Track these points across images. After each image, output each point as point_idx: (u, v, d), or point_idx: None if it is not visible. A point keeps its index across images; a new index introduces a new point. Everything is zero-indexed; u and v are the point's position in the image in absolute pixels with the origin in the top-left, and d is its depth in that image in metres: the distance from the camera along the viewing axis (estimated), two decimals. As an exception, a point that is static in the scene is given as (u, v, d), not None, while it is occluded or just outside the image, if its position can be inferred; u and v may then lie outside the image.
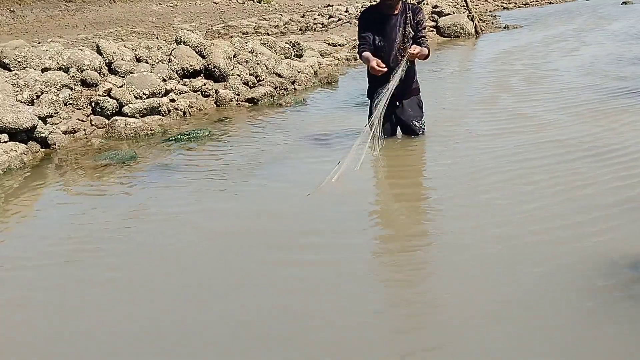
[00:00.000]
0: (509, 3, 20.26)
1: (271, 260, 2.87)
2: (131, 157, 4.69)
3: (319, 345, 2.19)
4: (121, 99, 5.77)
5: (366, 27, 4.36)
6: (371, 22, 4.35)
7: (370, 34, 4.31)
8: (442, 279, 2.63)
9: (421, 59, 4.33)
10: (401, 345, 2.17)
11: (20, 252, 3.16)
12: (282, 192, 3.75)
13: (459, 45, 11.15)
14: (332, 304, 2.45)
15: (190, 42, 6.98)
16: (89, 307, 2.57)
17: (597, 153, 3.97)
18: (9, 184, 4.30)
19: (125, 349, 2.26)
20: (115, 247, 3.14)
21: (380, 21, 4.31)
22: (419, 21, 4.34)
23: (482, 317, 2.27)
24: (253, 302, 2.50)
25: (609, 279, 2.45)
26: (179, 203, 3.68)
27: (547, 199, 3.30)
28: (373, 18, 4.36)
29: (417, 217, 3.38)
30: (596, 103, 5.45)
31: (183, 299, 2.59)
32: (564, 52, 9.08)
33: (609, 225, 2.93)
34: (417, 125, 4.58)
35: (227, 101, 6.53)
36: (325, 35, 11.95)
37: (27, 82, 5.32)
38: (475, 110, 5.63)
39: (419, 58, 4.29)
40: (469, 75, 8.08)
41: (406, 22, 4.29)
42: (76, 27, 15.19)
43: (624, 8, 16.12)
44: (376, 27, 4.31)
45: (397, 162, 4.27)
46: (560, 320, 2.22)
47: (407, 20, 4.29)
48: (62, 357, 2.27)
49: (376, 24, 4.31)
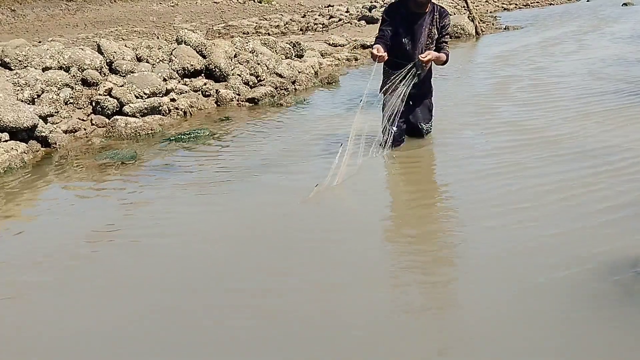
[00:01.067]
0: (509, 4, 20.29)
1: (272, 261, 2.87)
2: (131, 157, 4.69)
3: (328, 347, 2.20)
4: (122, 99, 5.77)
5: (390, 21, 4.26)
6: (397, 17, 4.25)
7: (392, 28, 4.22)
8: (443, 284, 2.63)
9: (438, 64, 4.30)
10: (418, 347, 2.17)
11: (20, 251, 3.16)
12: (282, 192, 3.75)
13: (459, 46, 11.16)
14: (345, 307, 2.45)
15: (191, 41, 6.99)
16: (89, 307, 2.57)
17: (583, 150, 3.98)
18: (10, 183, 4.31)
19: (132, 347, 2.27)
20: (115, 247, 3.15)
21: (407, 18, 4.24)
22: (444, 25, 4.28)
23: (482, 317, 2.28)
24: (253, 304, 2.51)
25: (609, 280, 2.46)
26: (179, 202, 3.68)
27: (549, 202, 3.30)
28: (400, 13, 4.26)
29: (428, 220, 3.38)
30: (594, 105, 5.47)
31: (183, 300, 2.59)
32: (565, 53, 9.08)
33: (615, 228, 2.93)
34: (424, 128, 4.60)
35: (227, 101, 6.54)
36: (326, 36, 11.96)
37: (28, 81, 5.33)
38: (476, 111, 5.64)
39: (436, 63, 4.27)
40: (471, 76, 8.07)
41: (432, 23, 4.24)
42: (77, 26, 15.19)
43: (624, 9, 16.13)
44: (402, 23, 4.24)
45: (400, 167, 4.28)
46: (560, 320, 2.22)
47: (434, 22, 4.24)
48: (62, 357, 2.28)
49: (402, 20, 4.24)
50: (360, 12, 16.10)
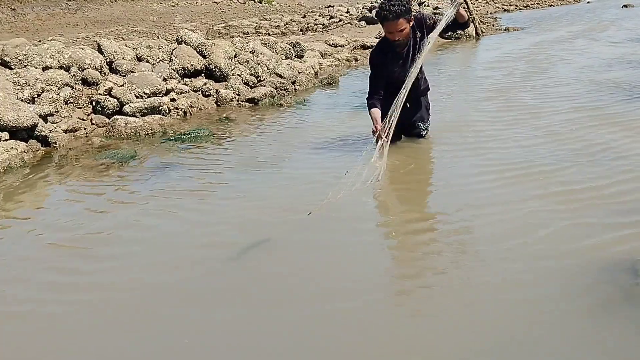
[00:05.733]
0: (509, 5, 20.31)
1: (272, 261, 2.87)
2: (131, 157, 4.70)
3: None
4: (122, 98, 5.77)
5: (379, 73, 4.18)
6: (385, 60, 4.15)
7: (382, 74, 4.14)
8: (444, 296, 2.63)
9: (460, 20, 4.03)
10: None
11: (19, 251, 3.16)
12: (282, 191, 3.75)
13: (459, 47, 11.16)
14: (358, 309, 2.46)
15: (191, 41, 6.99)
16: (88, 306, 2.57)
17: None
18: (10, 182, 4.31)
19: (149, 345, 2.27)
20: (115, 247, 3.14)
21: (395, 57, 4.13)
22: (428, 26, 4.06)
23: (482, 318, 2.28)
24: (255, 307, 2.51)
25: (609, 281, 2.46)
26: (179, 203, 3.68)
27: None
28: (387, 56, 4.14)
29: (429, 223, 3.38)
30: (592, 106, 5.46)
31: (186, 302, 2.59)
32: (565, 54, 9.08)
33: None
34: (421, 127, 4.50)
35: (227, 101, 6.54)
36: (326, 36, 11.97)
37: (28, 81, 5.33)
38: (479, 113, 5.64)
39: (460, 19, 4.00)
40: (472, 78, 8.07)
41: (416, 41, 4.09)
42: (77, 25, 15.20)
43: (624, 11, 16.14)
44: (392, 61, 4.13)
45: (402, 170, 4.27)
46: (560, 320, 2.23)
47: (417, 39, 4.09)
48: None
49: (391, 59, 4.13)
50: (361, 13, 16.11)
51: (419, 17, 4.11)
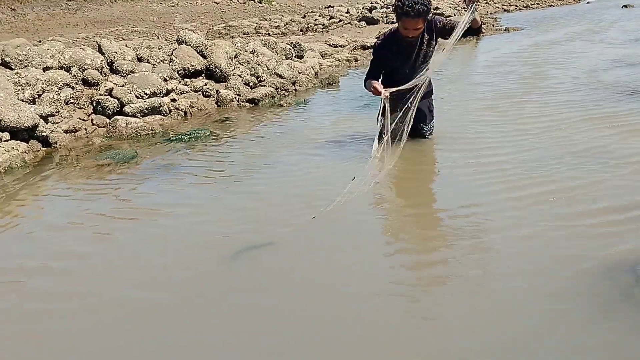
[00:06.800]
0: (509, 5, 20.32)
1: (272, 261, 2.87)
2: (132, 157, 4.70)
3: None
4: (122, 99, 5.78)
5: (380, 64, 4.20)
6: (389, 53, 4.16)
7: (382, 67, 4.15)
8: (445, 295, 2.63)
9: (474, 25, 3.93)
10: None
11: (19, 251, 3.17)
12: (283, 191, 3.76)
13: (459, 47, 11.15)
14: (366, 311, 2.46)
15: (192, 42, 7.00)
16: (88, 306, 2.58)
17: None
18: (10, 182, 4.31)
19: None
20: (115, 247, 3.15)
21: (400, 50, 4.12)
22: (439, 28, 4.09)
23: (482, 318, 2.29)
24: (256, 309, 2.51)
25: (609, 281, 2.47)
26: (179, 203, 3.68)
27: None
28: (391, 49, 4.14)
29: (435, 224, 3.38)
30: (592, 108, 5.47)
31: (186, 302, 2.60)
32: (565, 54, 9.09)
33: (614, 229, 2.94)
34: (425, 129, 4.52)
35: (227, 101, 6.55)
36: (326, 36, 11.97)
37: (28, 81, 5.34)
38: (481, 115, 5.65)
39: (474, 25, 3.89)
40: (472, 79, 8.08)
41: (424, 43, 4.11)
42: (77, 25, 15.20)
43: (624, 11, 16.14)
44: (396, 56, 4.13)
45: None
46: (560, 321, 2.23)
47: (424, 41, 4.11)
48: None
49: (395, 53, 4.13)
50: (361, 13, 16.13)
51: (430, 19, 4.11)
